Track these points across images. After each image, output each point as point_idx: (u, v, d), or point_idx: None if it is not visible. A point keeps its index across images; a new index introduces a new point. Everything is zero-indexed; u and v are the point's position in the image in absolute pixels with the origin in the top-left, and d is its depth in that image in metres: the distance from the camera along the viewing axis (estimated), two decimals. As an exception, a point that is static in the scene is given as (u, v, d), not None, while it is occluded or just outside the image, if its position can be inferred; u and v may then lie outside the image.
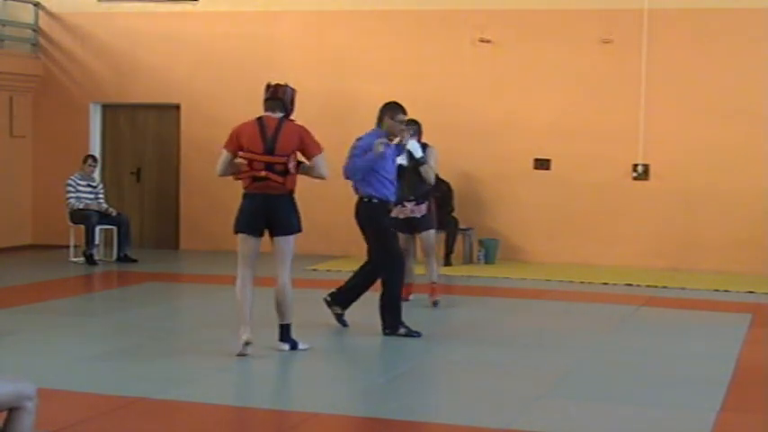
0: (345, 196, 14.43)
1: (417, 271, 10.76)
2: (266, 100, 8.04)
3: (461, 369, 7.92)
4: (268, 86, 8.09)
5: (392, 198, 8.90)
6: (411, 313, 9.61)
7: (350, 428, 6.25)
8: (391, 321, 8.74)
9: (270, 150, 7.84)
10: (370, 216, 8.76)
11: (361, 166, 8.67)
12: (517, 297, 11.19)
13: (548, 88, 13.95)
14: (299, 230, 8.05)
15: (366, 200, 8.78)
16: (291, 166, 7.85)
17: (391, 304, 8.76)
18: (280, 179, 7.85)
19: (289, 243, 8.00)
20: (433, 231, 10.37)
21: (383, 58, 14.47)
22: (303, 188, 10.54)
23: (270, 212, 7.94)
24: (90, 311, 10.61)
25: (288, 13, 14.85)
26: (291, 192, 7.97)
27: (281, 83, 8.09)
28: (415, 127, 10.13)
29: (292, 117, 8.05)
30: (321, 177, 8.10)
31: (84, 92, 15.54)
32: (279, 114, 7.95)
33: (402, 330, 8.72)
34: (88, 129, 15.53)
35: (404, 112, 8.86)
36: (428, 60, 14.32)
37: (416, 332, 8.73)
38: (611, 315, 10.34)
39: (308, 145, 7.92)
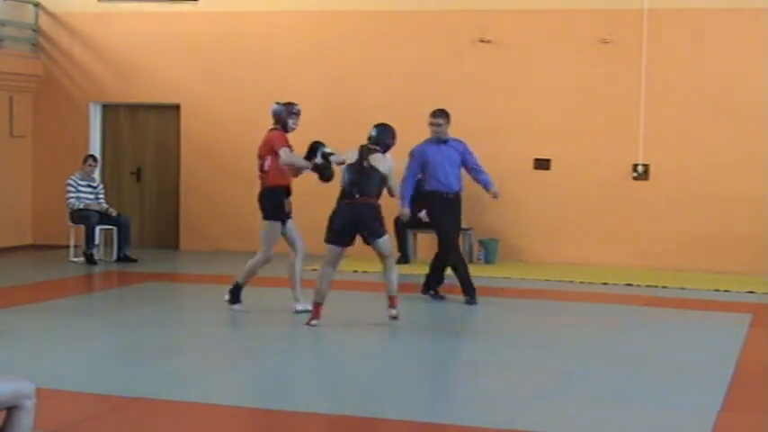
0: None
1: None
2: None
3: (461, 369, 7.92)
4: None
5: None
6: (412, 311, 9.62)
7: (350, 428, 6.25)
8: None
9: (259, 155, 9.75)
10: None
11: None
12: (517, 297, 11.19)
13: (548, 88, 13.95)
14: (266, 218, 9.66)
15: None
16: (266, 164, 9.61)
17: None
18: (263, 176, 9.70)
19: (261, 226, 9.75)
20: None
21: (383, 58, 14.46)
22: (304, 189, 10.61)
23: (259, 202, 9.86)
24: (90, 311, 10.61)
25: (287, 13, 14.85)
26: (270, 187, 9.64)
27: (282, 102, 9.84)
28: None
29: (285, 126, 9.75)
30: (284, 165, 9.60)
31: (84, 92, 15.54)
32: (272, 126, 9.78)
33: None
34: (88, 129, 15.53)
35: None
36: (428, 60, 14.31)
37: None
38: (611, 315, 10.34)
39: (272, 145, 9.56)
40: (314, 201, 11.00)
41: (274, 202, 9.58)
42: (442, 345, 8.68)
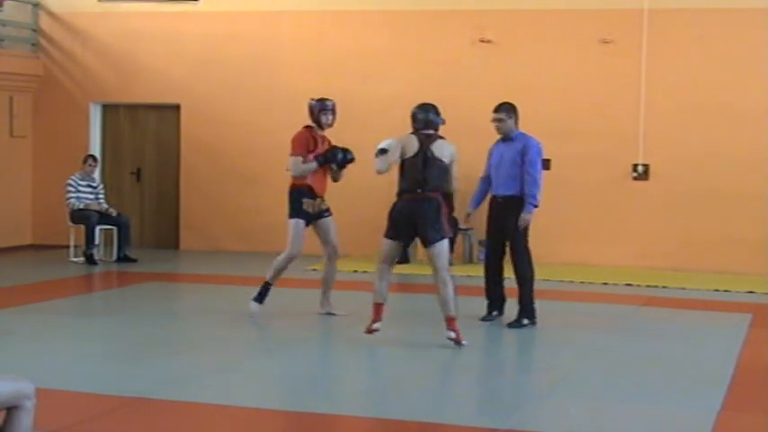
0: (345, 197, 14.50)
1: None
2: None
3: (461, 369, 7.91)
4: None
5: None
6: (412, 311, 9.63)
7: (350, 428, 6.25)
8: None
9: None
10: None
11: None
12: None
13: (547, 88, 13.94)
14: (289, 216, 9.48)
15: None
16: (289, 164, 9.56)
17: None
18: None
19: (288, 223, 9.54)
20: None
21: (383, 59, 14.46)
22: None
23: None
24: (90, 311, 10.61)
25: (288, 13, 14.85)
26: (291, 186, 9.56)
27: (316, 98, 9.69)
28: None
29: (312, 124, 9.65)
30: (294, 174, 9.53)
31: (84, 92, 15.54)
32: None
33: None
34: (88, 129, 15.53)
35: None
36: (428, 60, 14.31)
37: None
38: (612, 315, 10.34)
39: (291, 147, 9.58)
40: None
41: (293, 202, 9.49)
42: (441, 345, 8.67)
